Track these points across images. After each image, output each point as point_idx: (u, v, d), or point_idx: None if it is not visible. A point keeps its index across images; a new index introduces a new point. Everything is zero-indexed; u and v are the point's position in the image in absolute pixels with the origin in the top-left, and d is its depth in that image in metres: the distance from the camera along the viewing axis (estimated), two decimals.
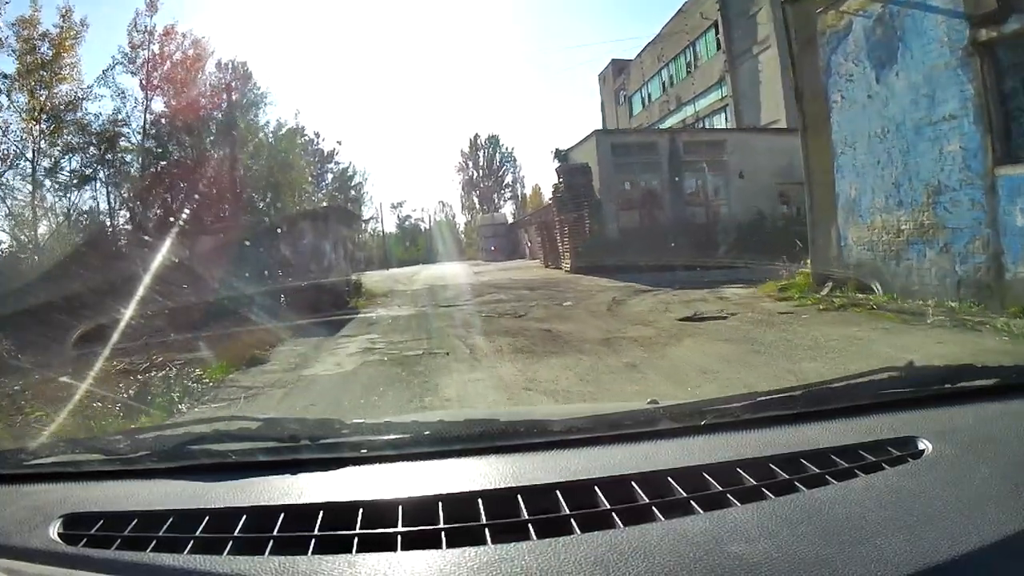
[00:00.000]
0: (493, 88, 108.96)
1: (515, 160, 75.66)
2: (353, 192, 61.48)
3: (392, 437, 1.15)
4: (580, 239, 20.33)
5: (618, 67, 41.48)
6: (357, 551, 0.82)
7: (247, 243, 14.29)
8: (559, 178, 21.58)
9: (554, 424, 1.16)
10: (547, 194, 75.89)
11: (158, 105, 19.60)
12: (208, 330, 8.88)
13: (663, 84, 36.14)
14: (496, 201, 70.98)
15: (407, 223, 75.62)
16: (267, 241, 14.14)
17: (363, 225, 63.25)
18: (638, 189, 21.46)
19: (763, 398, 1.21)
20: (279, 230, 14.73)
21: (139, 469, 1.12)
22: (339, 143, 77.43)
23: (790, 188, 23.81)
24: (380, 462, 1.07)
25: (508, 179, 74.25)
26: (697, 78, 32.38)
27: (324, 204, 21.07)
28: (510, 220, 52.54)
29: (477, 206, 73.97)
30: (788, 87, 26.29)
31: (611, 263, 18.18)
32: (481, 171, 73.74)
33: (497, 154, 73.39)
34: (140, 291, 8.77)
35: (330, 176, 57.73)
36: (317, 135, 58.00)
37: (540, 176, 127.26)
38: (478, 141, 73.59)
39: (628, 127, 38.19)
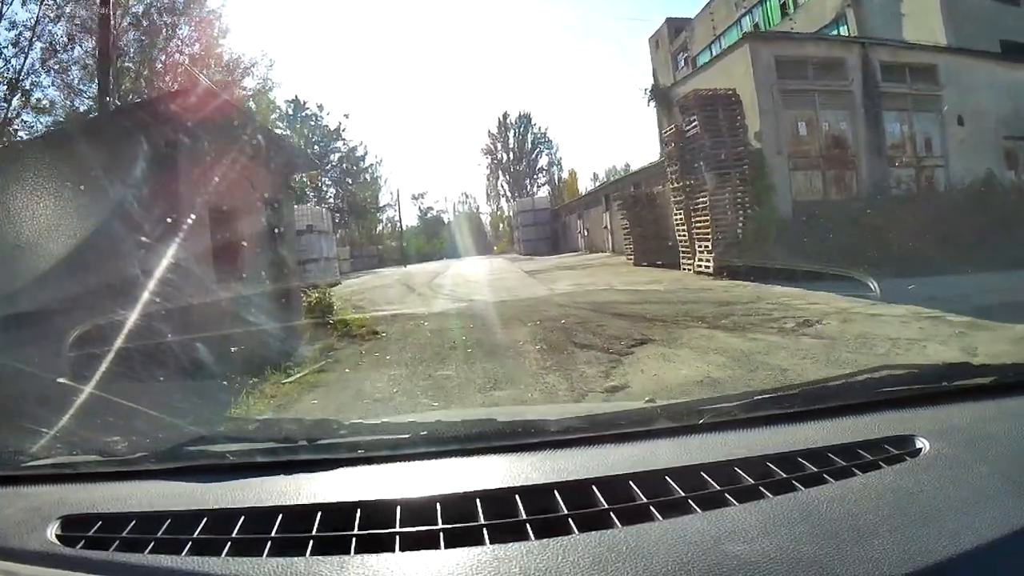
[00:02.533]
0: (522, 67, 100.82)
1: (550, 141, 66.66)
2: (366, 176, 53.61)
3: (389, 437, 1.14)
4: (725, 218, 11.69)
5: (675, 27, 33.63)
6: (355, 552, 0.81)
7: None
8: (684, 116, 12.80)
9: (551, 424, 1.14)
10: (586, 180, 66.90)
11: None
12: None
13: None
14: (528, 187, 62.52)
15: (428, 215, 68.08)
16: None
17: (377, 213, 55.25)
18: (817, 135, 12.78)
19: (760, 397, 1.20)
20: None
21: (137, 470, 1.11)
22: (346, 116, 68.22)
23: (1019, 147, 15.20)
24: (378, 462, 1.06)
25: (543, 162, 65.86)
26: (799, 19, 24.03)
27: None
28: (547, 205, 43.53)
29: (507, 193, 65.80)
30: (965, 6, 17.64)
31: (793, 262, 9.62)
32: (511, 154, 65.32)
33: (529, 134, 64.97)
34: None
35: (336, 156, 49.92)
36: (321, 108, 50.15)
37: (577, 161, 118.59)
38: (508, 120, 65.17)
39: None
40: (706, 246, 11.85)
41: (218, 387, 4.79)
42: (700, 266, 12.03)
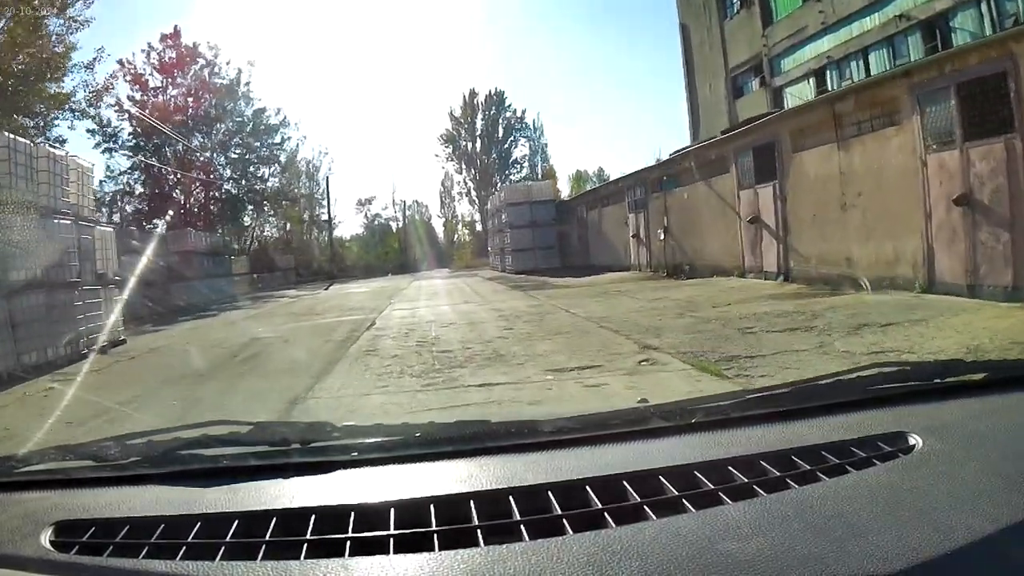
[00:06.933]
0: (487, 58, 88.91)
1: (528, 126, 53.55)
2: (278, 153, 38.83)
3: (382, 439, 1.13)
4: None
5: None
6: (350, 554, 0.81)
7: None
8: None
9: (544, 424, 1.15)
10: (565, 180, 52.02)
11: None
12: None
13: None
14: (500, 183, 49.82)
15: (376, 222, 54.33)
16: None
17: (292, 206, 40.61)
18: None
19: (753, 396, 1.20)
20: None
21: (130, 475, 1.09)
22: (251, 64, 50.34)
23: None
24: (371, 465, 1.06)
25: (519, 153, 52.84)
26: None
27: None
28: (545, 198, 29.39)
29: (472, 192, 52.52)
30: None
31: None
32: (479, 141, 52.42)
33: (501, 118, 52.26)
34: None
35: (231, 124, 35.59)
36: (214, 50, 35.64)
37: (565, 154, 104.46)
38: (475, 100, 52.40)
39: (761, 51, 22.04)
40: None
41: None
42: None
